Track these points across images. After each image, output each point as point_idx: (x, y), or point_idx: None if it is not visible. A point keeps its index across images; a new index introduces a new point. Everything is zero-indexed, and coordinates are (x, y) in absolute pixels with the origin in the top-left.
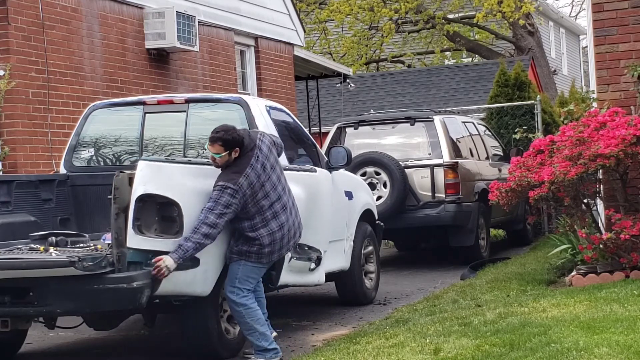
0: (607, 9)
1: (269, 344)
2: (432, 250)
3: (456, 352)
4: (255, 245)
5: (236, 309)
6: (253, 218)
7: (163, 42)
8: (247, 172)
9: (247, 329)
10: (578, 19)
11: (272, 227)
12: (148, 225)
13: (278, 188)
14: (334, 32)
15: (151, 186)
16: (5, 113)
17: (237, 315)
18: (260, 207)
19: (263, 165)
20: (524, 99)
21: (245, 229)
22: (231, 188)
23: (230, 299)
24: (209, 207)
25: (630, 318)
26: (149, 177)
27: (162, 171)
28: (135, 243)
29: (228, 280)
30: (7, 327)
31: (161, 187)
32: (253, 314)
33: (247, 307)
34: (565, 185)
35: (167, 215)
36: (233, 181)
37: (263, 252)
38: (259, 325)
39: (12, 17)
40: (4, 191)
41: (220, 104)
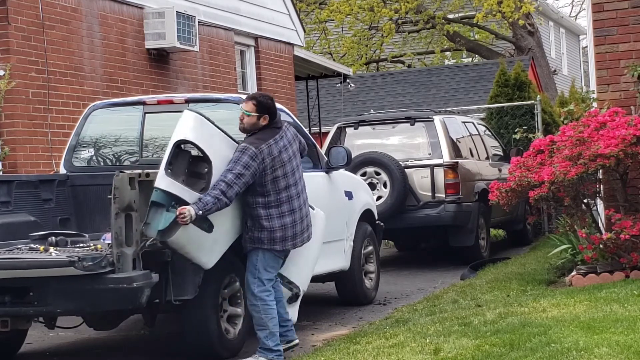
0: (607, 9)
1: (274, 345)
2: (432, 250)
3: (456, 352)
4: (266, 230)
5: (254, 302)
6: (268, 194)
7: (163, 42)
8: (269, 142)
9: (260, 324)
10: (578, 19)
11: (284, 209)
12: (177, 173)
13: (296, 175)
14: (334, 32)
15: (192, 135)
16: (5, 113)
17: (253, 309)
18: (276, 185)
19: (285, 147)
20: (524, 99)
21: (258, 204)
22: (252, 150)
23: (251, 290)
24: (229, 167)
25: (630, 318)
26: (192, 127)
27: (204, 126)
28: (164, 184)
29: (248, 272)
30: (7, 327)
31: (200, 140)
32: (269, 311)
33: (265, 303)
34: (565, 185)
35: (196, 170)
36: (255, 145)
37: (275, 238)
38: (271, 324)
39: (12, 17)
40: (4, 191)
41: (220, 104)
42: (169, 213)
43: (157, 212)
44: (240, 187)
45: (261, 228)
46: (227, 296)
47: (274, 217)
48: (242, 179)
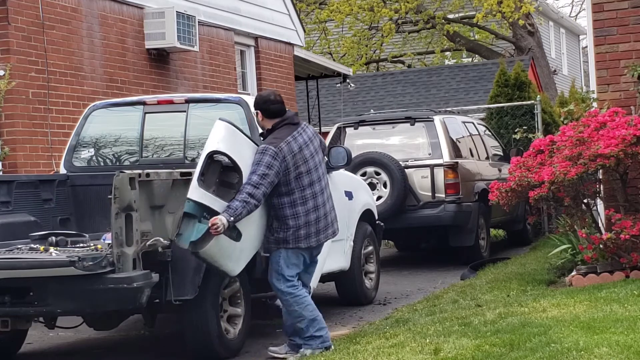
0: (607, 9)
1: (316, 330)
2: (432, 250)
3: (456, 352)
4: (291, 229)
5: (283, 298)
6: (293, 193)
7: (163, 42)
8: (288, 140)
9: (296, 316)
10: (578, 19)
11: (309, 206)
12: (209, 183)
13: (319, 171)
14: (334, 32)
15: (223, 146)
16: (5, 113)
17: (285, 304)
18: (300, 182)
19: (305, 144)
20: (524, 99)
21: (284, 204)
22: (272, 149)
23: (277, 288)
24: (252, 170)
25: (630, 318)
26: (224, 137)
27: (235, 136)
28: (197, 196)
29: (272, 270)
30: (7, 327)
31: (231, 150)
32: (301, 300)
33: (294, 295)
34: (565, 185)
35: (226, 180)
36: (273, 144)
37: (299, 236)
38: (307, 312)
39: (12, 17)
40: (4, 191)
41: (220, 104)
42: (201, 224)
43: (190, 223)
44: (267, 188)
45: (287, 228)
46: (227, 296)
47: (300, 215)
48: (267, 179)
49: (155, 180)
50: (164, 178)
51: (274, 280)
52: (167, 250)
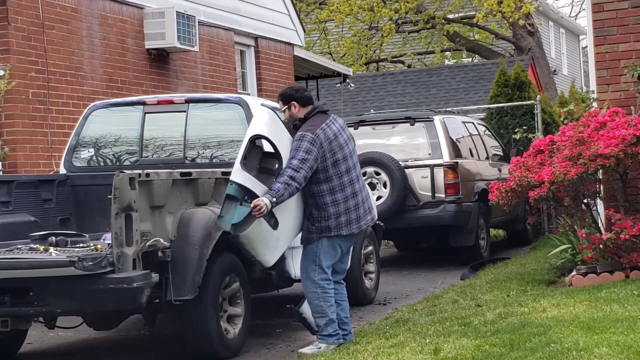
0: (607, 9)
1: (333, 331)
2: (432, 250)
3: (456, 352)
4: (332, 217)
5: (312, 290)
6: (331, 180)
7: (163, 42)
8: (323, 127)
9: (319, 311)
10: (578, 19)
11: (348, 193)
12: (250, 168)
13: (353, 158)
14: (334, 32)
15: (266, 130)
16: (5, 113)
17: (312, 297)
18: (338, 169)
19: (339, 131)
20: (524, 99)
21: (324, 192)
22: (309, 136)
23: (311, 278)
24: (291, 156)
25: (630, 318)
26: (267, 122)
27: (276, 123)
28: (240, 178)
29: (307, 261)
30: (7, 327)
31: (273, 136)
32: (328, 298)
33: (325, 291)
34: (565, 185)
35: (266, 167)
36: (310, 131)
37: (340, 223)
38: (330, 311)
39: (12, 17)
40: (4, 191)
41: (220, 104)
42: (243, 207)
43: (231, 205)
44: (307, 172)
45: (328, 216)
46: (227, 296)
47: (339, 202)
48: (306, 164)
49: (155, 180)
50: (164, 178)
51: (309, 271)
52: (167, 250)
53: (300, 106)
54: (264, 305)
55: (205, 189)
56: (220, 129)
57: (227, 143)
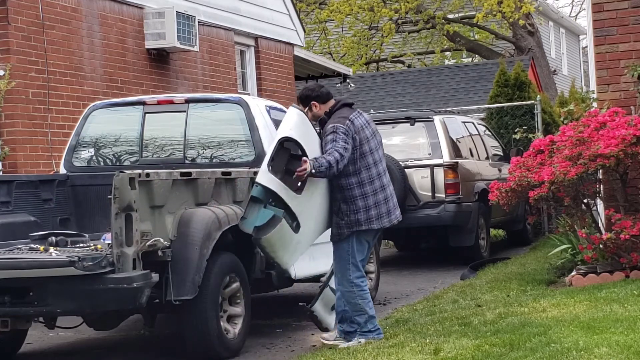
0: (607, 9)
1: (373, 327)
2: (432, 250)
3: (456, 352)
4: (361, 210)
5: (349, 289)
6: (360, 172)
7: (163, 42)
8: (351, 118)
9: (357, 310)
10: (578, 19)
11: (376, 186)
12: (277, 170)
13: (380, 152)
14: (334, 32)
15: (295, 133)
16: (5, 113)
17: (349, 296)
18: (366, 161)
19: (365, 124)
20: (524, 99)
21: (353, 185)
22: (342, 127)
23: (347, 277)
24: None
25: (630, 318)
26: (296, 124)
27: (306, 125)
28: (265, 180)
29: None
30: (7, 327)
31: (302, 139)
32: (365, 295)
33: (361, 289)
34: (565, 185)
35: (292, 169)
36: (341, 122)
37: (370, 216)
38: (368, 308)
39: (12, 17)
40: (4, 191)
41: (220, 104)
42: (267, 210)
43: (255, 207)
44: (346, 162)
45: (357, 209)
46: (227, 296)
47: (368, 195)
48: (347, 153)
49: (155, 180)
50: (164, 178)
51: (344, 271)
52: (167, 250)
53: (320, 104)
54: (264, 305)
55: (205, 189)
56: (220, 129)
57: (227, 143)
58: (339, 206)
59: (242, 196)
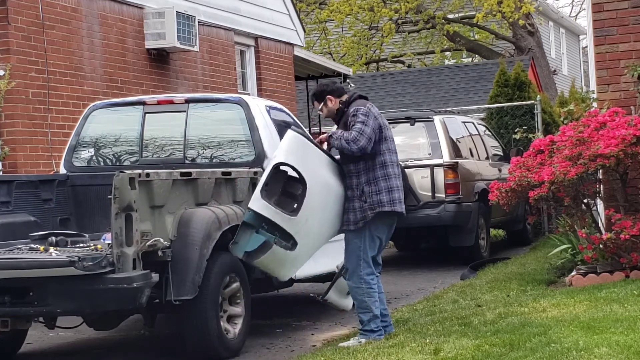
0: (607, 9)
1: (376, 327)
2: (432, 250)
3: (456, 352)
4: (383, 191)
5: (358, 285)
6: (383, 154)
7: (163, 42)
8: (368, 105)
9: (362, 307)
10: (578, 19)
11: (396, 172)
12: (271, 194)
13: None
14: (334, 32)
15: (292, 158)
16: (5, 113)
17: (357, 292)
18: (388, 145)
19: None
20: (524, 99)
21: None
22: (362, 109)
23: (357, 273)
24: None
25: (630, 318)
26: (294, 149)
27: (305, 148)
28: (258, 207)
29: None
30: (7, 327)
31: (300, 163)
32: (373, 294)
33: (370, 287)
34: (565, 185)
35: (289, 191)
36: (361, 104)
37: (394, 198)
38: (374, 307)
39: (12, 17)
40: (4, 191)
41: (220, 104)
42: (258, 235)
43: (246, 232)
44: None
45: (379, 190)
46: (227, 296)
47: (390, 176)
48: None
49: (155, 180)
50: (164, 178)
51: (355, 266)
52: (167, 250)
53: (335, 97)
54: (264, 305)
55: (205, 189)
56: (220, 129)
57: (227, 143)
58: (362, 189)
59: (242, 196)
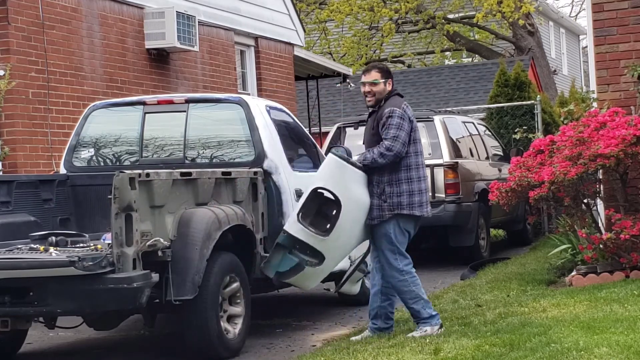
0: (607, 9)
1: (432, 311)
2: (432, 250)
3: (456, 352)
4: (405, 193)
5: (400, 278)
6: (409, 156)
7: (163, 42)
8: (403, 106)
9: (412, 297)
10: (578, 19)
11: (420, 174)
12: (306, 215)
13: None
14: (334, 32)
15: (331, 183)
16: (5, 113)
17: (402, 284)
18: (416, 147)
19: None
20: (524, 99)
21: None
22: (398, 111)
23: (395, 267)
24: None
25: (630, 318)
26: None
27: (343, 171)
28: (294, 230)
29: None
30: (7, 327)
31: (337, 187)
32: (417, 281)
33: (412, 275)
34: (565, 185)
35: (324, 212)
36: (397, 107)
37: (414, 202)
38: (422, 293)
39: (12, 17)
40: (4, 191)
41: (220, 104)
42: (291, 256)
43: (279, 253)
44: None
45: (400, 192)
46: (227, 296)
47: (414, 179)
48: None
49: (155, 180)
50: (164, 178)
51: (391, 261)
52: (167, 250)
53: (391, 85)
54: (264, 305)
55: (205, 189)
56: (220, 129)
57: (227, 143)
58: (383, 188)
59: (242, 196)
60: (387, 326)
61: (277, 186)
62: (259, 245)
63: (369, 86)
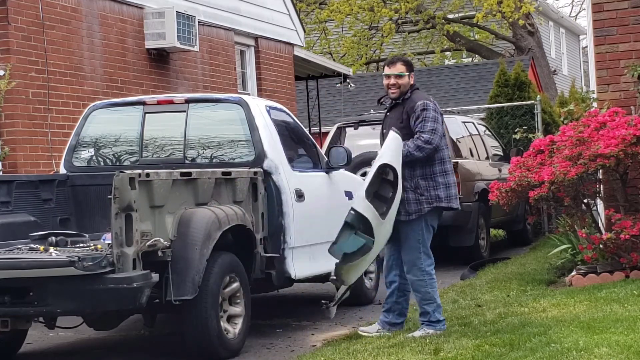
0: (607, 9)
1: (441, 316)
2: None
3: (456, 352)
4: (441, 187)
5: (420, 278)
6: (442, 150)
7: (163, 42)
8: (430, 98)
9: (427, 298)
10: (578, 19)
11: (451, 167)
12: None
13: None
14: (334, 32)
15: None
16: (5, 113)
17: (420, 284)
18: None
19: None
20: (524, 99)
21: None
22: (431, 103)
23: (418, 266)
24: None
25: (630, 318)
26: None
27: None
28: (362, 208)
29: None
30: (7, 327)
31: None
32: (435, 284)
33: (432, 277)
34: (565, 185)
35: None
36: (428, 100)
37: (451, 194)
38: (437, 296)
39: (12, 17)
40: (4, 191)
41: (220, 104)
42: (358, 237)
43: (347, 233)
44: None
45: (436, 185)
46: (227, 296)
47: (448, 172)
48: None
49: (155, 180)
50: (164, 178)
51: (415, 260)
52: (167, 250)
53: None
54: (264, 305)
55: (205, 189)
56: (220, 129)
57: (227, 143)
58: (417, 182)
59: (242, 196)
60: (399, 322)
61: (277, 186)
62: (259, 245)
63: (394, 78)
